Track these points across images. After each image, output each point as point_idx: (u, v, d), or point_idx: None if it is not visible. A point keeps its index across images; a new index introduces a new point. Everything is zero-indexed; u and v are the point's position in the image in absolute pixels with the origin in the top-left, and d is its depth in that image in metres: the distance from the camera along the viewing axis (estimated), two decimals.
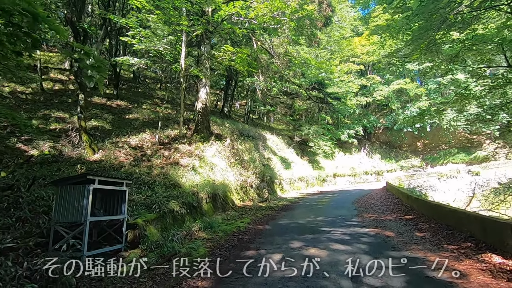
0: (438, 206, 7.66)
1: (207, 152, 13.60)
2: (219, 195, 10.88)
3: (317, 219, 9.61)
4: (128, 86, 26.29)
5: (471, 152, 34.01)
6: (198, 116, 15.14)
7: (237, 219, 10.05)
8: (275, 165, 20.05)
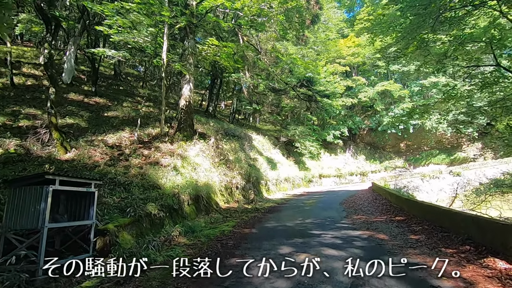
0: (431, 207, 7.38)
1: (190, 151, 12.92)
2: (202, 196, 10.24)
3: (306, 221, 9.16)
4: (108, 83, 25.15)
5: (451, 154, 34.87)
6: (181, 113, 14.42)
7: (221, 222, 9.45)
8: (261, 166, 19.56)
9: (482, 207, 19.60)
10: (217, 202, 11.69)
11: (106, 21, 9.94)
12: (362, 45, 34.49)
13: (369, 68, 37.20)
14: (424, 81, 33.10)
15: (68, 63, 18.09)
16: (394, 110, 33.50)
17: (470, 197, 20.99)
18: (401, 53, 9.58)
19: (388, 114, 33.76)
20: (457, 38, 9.73)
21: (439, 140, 35.64)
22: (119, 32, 10.44)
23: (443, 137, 35.22)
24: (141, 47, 12.04)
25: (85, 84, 20.78)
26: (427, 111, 11.56)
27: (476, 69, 9.55)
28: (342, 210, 11.35)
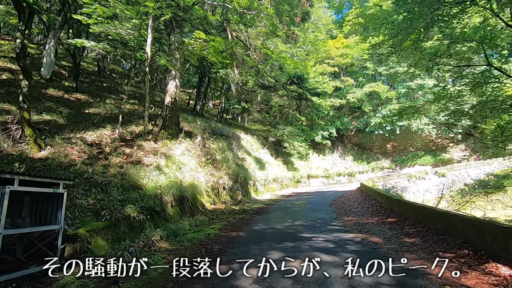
0: (424, 209, 7.15)
1: (175, 150, 12.35)
2: (187, 197, 9.72)
3: (296, 223, 8.80)
4: (91, 79, 24.18)
5: (436, 155, 35.49)
6: (166, 111, 13.82)
7: (207, 224, 8.96)
8: (249, 166, 19.13)
9: (467, 208, 19.88)
10: (203, 203, 11.18)
11: (84, 9, 9.26)
12: (350, 46, 34.63)
13: (357, 69, 37.41)
14: (410, 83, 33.55)
15: (48, 57, 17.15)
16: (382, 112, 33.78)
17: (456, 198, 21.27)
18: (395, 49, 9.39)
19: (376, 115, 34.02)
20: (449, 36, 9.62)
21: (424, 141, 36.23)
22: (99, 23, 9.78)
23: (428, 138, 35.81)
24: (123, 40, 11.38)
25: (66, 80, 19.82)
26: (417, 111, 11.45)
27: (466, 69, 9.48)
28: (332, 211, 11.07)
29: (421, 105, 11.54)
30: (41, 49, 20.63)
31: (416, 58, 11.19)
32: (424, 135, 35.02)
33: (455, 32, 9.44)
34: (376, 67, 35.37)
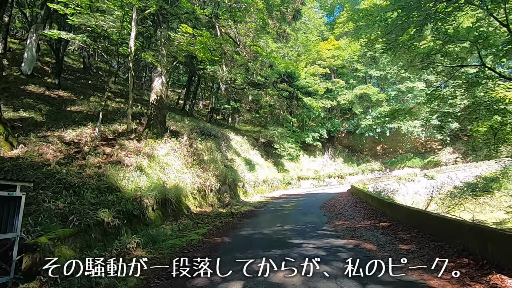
0: (419, 213, 6.83)
1: (160, 150, 11.77)
2: (170, 200, 9.16)
3: (285, 227, 8.37)
4: (76, 76, 23.31)
5: (425, 157, 35.77)
6: (151, 109, 13.22)
7: (191, 229, 8.44)
8: (239, 167, 18.65)
9: (456, 210, 19.89)
10: (188, 206, 10.63)
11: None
12: (342, 48, 34.62)
13: (348, 71, 37.45)
14: (400, 85, 33.73)
15: (29, 52, 16.35)
16: (372, 113, 33.84)
17: (445, 200, 21.30)
18: (390, 44, 9.11)
19: (367, 117, 34.06)
20: (444, 34, 9.41)
21: (413, 144, 36.48)
22: (77, 13, 9.14)
23: (417, 141, 36.08)
24: (106, 33, 10.76)
25: (49, 77, 18.99)
26: (410, 113, 11.25)
27: (460, 69, 9.28)
28: (323, 214, 10.70)
29: (414, 106, 11.32)
30: (23, 44, 19.70)
31: (409, 58, 10.97)
32: (413, 137, 35.25)
33: (449, 32, 9.23)
34: (367, 69, 35.47)
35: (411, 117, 11.77)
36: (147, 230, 7.11)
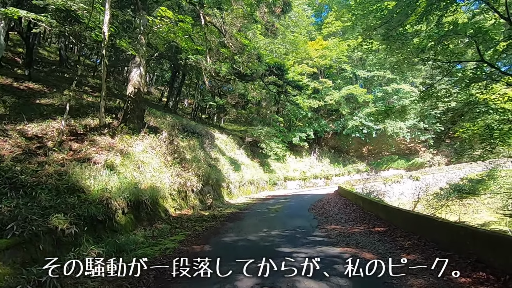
0: (420, 218, 6.20)
1: (136, 147, 10.73)
2: (145, 202, 8.18)
3: (272, 233, 7.59)
4: (51, 69, 21.76)
5: (410, 159, 36.06)
6: (128, 102, 12.14)
7: (167, 235, 7.50)
8: (223, 167, 17.74)
9: (442, 212, 19.82)
10: (166, 208, 9.66)
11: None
12: (329, 48, 34.35)
13: (335, 72, 37.27)
14: (387, 87, 33.84)
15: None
16: (359, 114, 33.77)
17: (431, 202, 21.22)
18: (387, 35, 8.54)
19: (353, 118, 33.94)
20: (441, 29, 8.95)
21: (398, 145, 36.72)
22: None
23: (402, 142, 36.34)
24: (75, 14, 9.65)
25: (20, 68, 17.52)
26: (404, 111, 10.79)
27: (457, 65, 8.87)
28: (312, 218, 10.00)
29: (408, 104, 10.86)
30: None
31: (403, 54, 10.48)
32: (398, 139, 35.47)
33: (446, 26, 8.77)
34: (354, 70, 35.40)
35: (404, 116, 11.28)
36: (114, 238, 6.14)
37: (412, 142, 35.98)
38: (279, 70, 14.29)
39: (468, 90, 9.56)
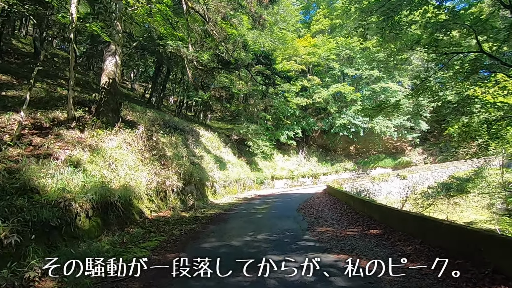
0: (424, 220, 5.59)
1: (109, 142, 9.73)
2: (115, 203, 7.24)
3: (258, 237, 6.84)
4: (24, 61, 20.22)
5: (396, 158, 36.19)
6: (101, 94, 11.09)
7: (139, 241, 6.61)
8: (208, 165, 16.86)
9: (430, 211, 19.66)
10: (141, 210, 8.73)
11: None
12: (318, 45, 33.95)
13: (324, 69, 36.94)
14: (374, 86, 33.78)
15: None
16: (346, 113, 33.55)
17: (419, 201, 21.06)
18: (388, 17, 7.96)
19: (341, 117, 33.70)
20: (436, 16, 8.44)
21: (385, 144, 36.81)
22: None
23: (389, 141, 36.43)
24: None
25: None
26: (397, 106, 10.30)
27: (455, 56, 8.39)
28: (302, 219, 9.32)
29: (401, 98, 10.36)
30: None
31: (396, 46, 9.95)
32: (385, 138, 35.53)
33: (444, 15, 8.26)
34: (342, 68, 35.15)
35: (397, 112, 10.78)
36: (71, 246, 5.22)
37: (398, 141, 36.13)
38: (267, 59, 13.48)
39: (467, 83, 9.12)
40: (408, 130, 35.09)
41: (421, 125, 33.27)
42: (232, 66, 11.52)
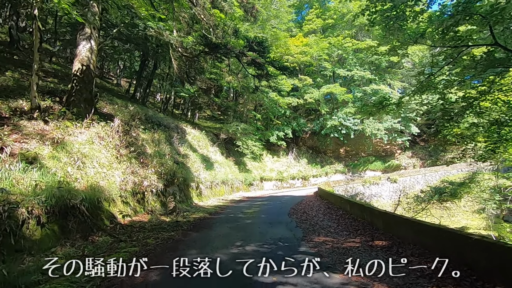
0: (450, 233, 4.72)
1: (79, 136, 8.54)
2: (78, 207, 6.10)
3: (247, 248, 5.85)
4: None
5: (386, 161, 35.92)
6: (73, 82, 9.86)
7: (104, 253, 5.51)
8: (193, 164, 15.74)
9: (423, 215, 19.18)
10: (113, 214, 7.60)
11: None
12: (310, 45, 33.29)
13: (315, 69, 36.35)
14: (366, 87, 33.42)
15: None
16: (338, 114, 33.03)
17: (412, 205, 20.57)
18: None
19: (332, 118, 33.14)
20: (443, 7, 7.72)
21: (375, 147, 36.50)
22: None
23: (379, 144, 36.13)
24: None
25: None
26: (400, 104, 9.58)
27: (465, 50, 7.72)
28: (295, 226, 8.38)
29: (406, 95, 9.63)
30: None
31: (400, 37, 9.20)
32: (375, 140, 35.21)
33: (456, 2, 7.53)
34: (334, 69, 34.64)
35: (399, 110, 10.05)
36: (9, 264, 4.08)
37: (388, 144, 35.87)
38: (261, 46, 12.40)
39: (483, 78, 8.44)
40: (398, 133, 34.88)
41: (412, 129, 33.07)
42: (221, 51, 10.45)
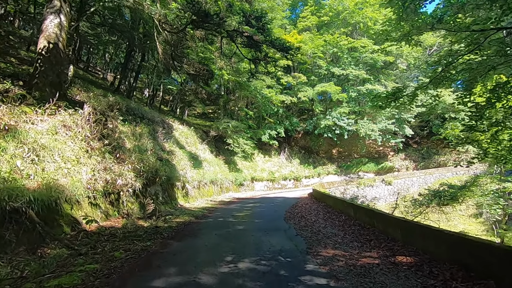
0: (498, 251, 3.63)
1: (40, 123, 7.12)
2: (24, 211, 4.75)
3: (240, 265, 4.63)
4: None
5: (379, 162, 35.29)
6: (37, 62, 8.41)
7: (51, 272, 4.18)
8: (179, 162, 14.38)
9: (421, 219, 18.38)
10: (76, 219, 6.23)
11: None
12: (304, 42, 32.31)
13: (310, 68, 35.42)
14: (361, 87, 32.71)
15: None
16: (332, 113, 32.18)
17: (409, 208, 19.77)
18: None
19: (326, 117, 32.26)
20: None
21: (368, 149, 35.87)
22: None
23: (372, 146, 35.51)
24: None
25: None
26: (414, 96, 8.59)
27: (494, 34, 6.77)
28: (295, 233, 7.20)
29: (418, 86, 8.63)
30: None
31: (415, 22, 8.17)
32: (368, 142, 34.56)
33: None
34: (329, 67, 33.77)
35: (410, 104, 9.02)
36: None
37: (382, 145, 35.27)
38: (259, 21, 10.92)
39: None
40: (392, 135, 34.32)
41: (405, 130, 32.53)
42: (213, 21, 9.05)
